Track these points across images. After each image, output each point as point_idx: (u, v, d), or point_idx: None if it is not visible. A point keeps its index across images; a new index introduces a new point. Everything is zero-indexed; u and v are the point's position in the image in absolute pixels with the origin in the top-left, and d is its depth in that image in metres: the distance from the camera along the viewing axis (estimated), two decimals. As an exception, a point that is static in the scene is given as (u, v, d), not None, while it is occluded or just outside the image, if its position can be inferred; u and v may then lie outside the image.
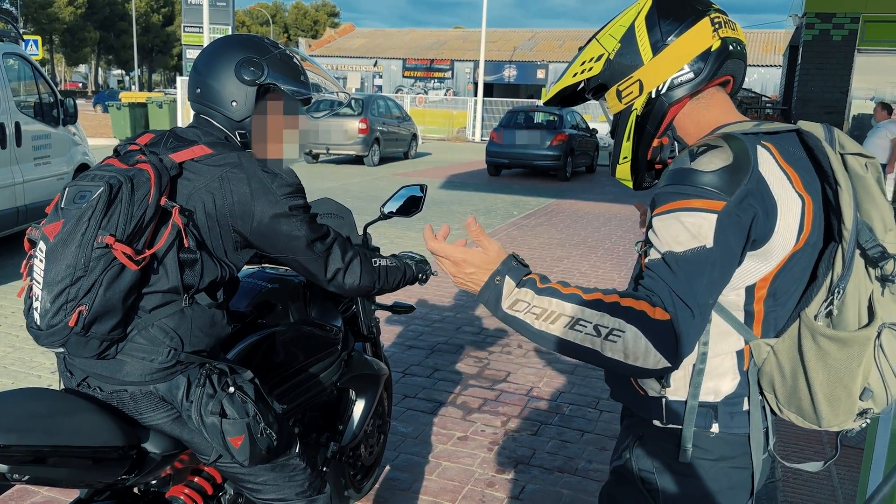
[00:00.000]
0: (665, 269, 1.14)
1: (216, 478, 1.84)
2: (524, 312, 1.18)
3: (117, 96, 31.41)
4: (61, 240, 1.42)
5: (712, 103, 1.30)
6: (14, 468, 1.35)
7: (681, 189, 1.15)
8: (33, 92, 7.17)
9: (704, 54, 1.24)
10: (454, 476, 3.09)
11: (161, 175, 1.50)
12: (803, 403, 1.21)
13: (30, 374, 4.14)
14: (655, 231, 1.17)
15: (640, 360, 1.11)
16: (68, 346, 1.48)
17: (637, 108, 1.30)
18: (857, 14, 11.19)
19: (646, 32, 1.27)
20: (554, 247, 8.06)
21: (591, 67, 1.32)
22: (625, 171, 1.38)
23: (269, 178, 1.59)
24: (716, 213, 1.12)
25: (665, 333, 1.10)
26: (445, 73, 38.00)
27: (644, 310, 1.11)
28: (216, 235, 1.59)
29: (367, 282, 1.76)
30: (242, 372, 1.64)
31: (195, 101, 1.71)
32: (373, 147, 16.51)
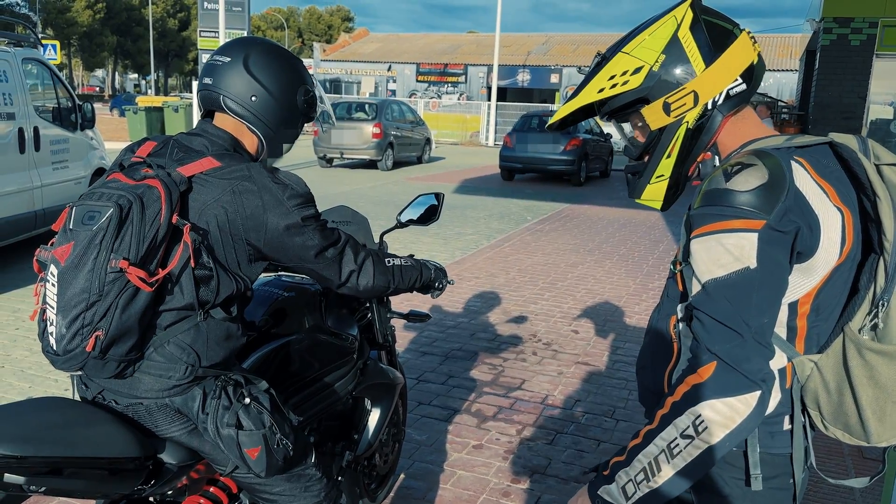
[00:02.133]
0: (707, 302, 1.14)
1: (232, 488, 1.83)
2: (638, 490, 1.18)
3: (134, 100, 31.71)
4: (73, 264, 1.39)
5: (746, 117, 1.30)
6: (31, 479, 1.34)
7: (718, 210, 1.14)
8: (52, 96, 7.24)
9: (750, 67, 1.25)
10: (469, 485, 3.07)
11: (171, 192, 1.46)
12: (850, 419, 1.20)
13: (47, 378, 4.16)
14: (694, 255, 1.16)
15: (738, 416, 1.11)
16: (86, 369, 1.47)
17: (689, 120, 1.26)
18: (875, 19, 11.07)
19: (693, 42, 1.23)
20: (568, 252, 8.03)
21: (625, 81, 1.26)
22: (657, 192, 1.33)
23: (280, 190, 1.57)
24: (756, 232, 1.11)
25: (723, 378, 1.11)
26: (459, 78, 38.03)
27: (693, 383, 1.13)
28: (230, 249, 1.57)
29: (381, 282, 1.76)
30: (258, 382, 1.63)
31: (242, 106, 1.65)
32: (386, 151, 16.54)
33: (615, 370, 4.48)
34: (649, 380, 1.35)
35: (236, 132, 1.69)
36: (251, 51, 1.67)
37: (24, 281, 6.16)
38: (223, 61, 1.66)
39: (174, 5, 66.32)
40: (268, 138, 1.71)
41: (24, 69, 6.63)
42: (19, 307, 5.49)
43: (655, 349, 1.34)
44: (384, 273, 1.78)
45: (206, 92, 1.68)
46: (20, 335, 4.89)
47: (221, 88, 1.65)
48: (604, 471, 1.23)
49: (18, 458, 1.32)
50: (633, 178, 1.37)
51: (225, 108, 1.66)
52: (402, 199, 11.44)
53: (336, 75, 37.61)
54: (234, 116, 1.67)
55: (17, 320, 5.20)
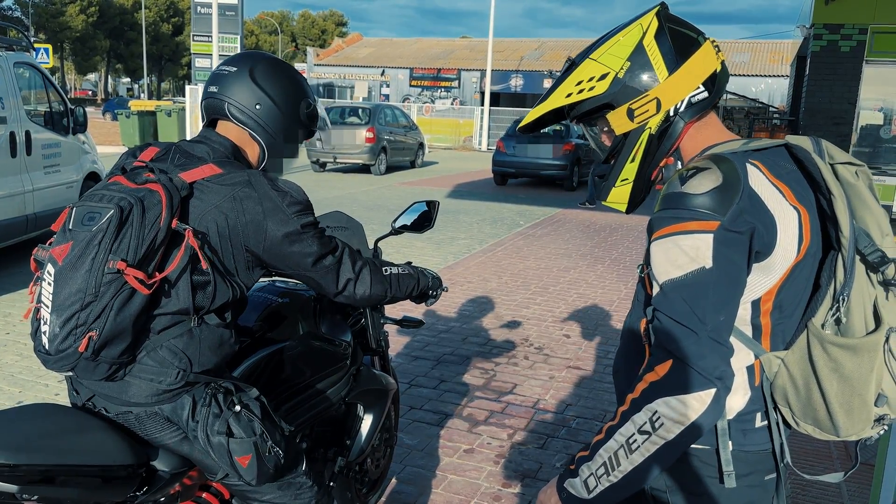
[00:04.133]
0: (664, 302, 1.17)
1: (224, 494, 1.84)
2: (599, 483, 1.20)
3: (126, 104, 31.59)
4: (70, 264, 1.40)
5: (708, 123, 1.32)
6: (23, 488, 1.34)
7: (674, 213, 1.17)
8: (44, 100, 7.22)
9: (713, 76, 1.27)
10: (460, 489, 3.08)
11: (172, 196, 1.47)
12: (819, 414, 1.22)
13: (37, 383, 4.15)
14: (653, 257, 1.19)
15: (693, 413, 1.12)
16: (77, 370, 1.47)
17: (652, 126, 1.29)
18: (865, 25, 11.17)
19: (658, 50, 1.26)
20: (560, 257, 8.05)
21: (591, 87, 1.29)
22: (621, 195, 1.37)
23: (280, 197, 1.59)
24: (711, 233, 1.14)
25: (678, 375, 1.13)
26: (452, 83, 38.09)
27: (650, 380, 1.15)
28: (228, 256, 1.58)
29: (378, 290, 1.77)
30: (248, 390, 1.63)
31: (246, 114, 1.68)
32: (380, 156, 16.54)
33: (606, 374, 4.50)
34: (624, 383, 1.36)
35: (239, 141, 1.71)
36: (258, 62, 1.72)
37: (15, 285, 6.14)
38: (230, 71, 1.70)
39: (167, 10, 66.17)
40: (270, 147, 1.73)
41: (15, 73, 6.62)
42: (10, 311, 5.47)
43: (628, 352, 1.36)
44: (381, 282, 1.78)
45: (212, 99, 1.70)
46: (10, 340, 4.87)
47: (227, 96, 1.68)
48: (570, 465, 1.26)
49: (11, 467, 1.32)
50: (600, 180, 1.41)
51: (229, 115, 1.69)
52: (395, 204, 11.45)
53: (329, 80, 37.61)
54: (238, 124, 1.69)
55: (8, 325, 5.18)
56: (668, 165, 1.35)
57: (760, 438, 1.28)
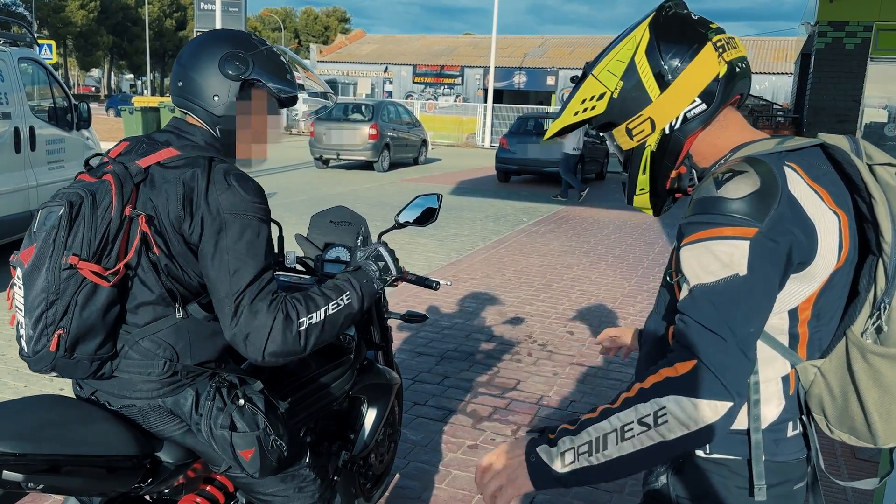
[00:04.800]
0: (693, 307, 1.11)
1: (228, 486, 1.84)
2: (577, 460, 1.13)
3: (130, 100, 31.64)
4: (32, 265, 1.41)
5: (727, 124, 1.27)
6: (29, 477, 1.35)
7: (709, 218, 1.11)
8: (48, 96, 7.23)
9: (714, 83, 1.21)
10: (464, 485, 3.08)
11: (123, 184, 1.44)
12: (856, 422, 1.18)
13: (42, 378, 4.16)
14: (683, 262, 1.14)
15: (702, 419, 1.05)
16: (58, 369, 1.46)
17: (651, 144, 1.26)
18: (870, 23, 11.14)
19: (648, 68, 1.22)
20: (564, 254, 8.04)
21: (593, 106, 1.28)
22: (643, 201, 1.36)
23: (222, 187, 1.47)
24: (748, 240, 1.08)
25: (699, 378, 1.06)
26: (455, 80, 38.06)
27: (666, 375, 1.09)
28: (173, 238, 1.48)
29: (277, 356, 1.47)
30: (252, 383, 1.63)
31: (177, 95, 1.61)
32: (383, 153, 16.54)
33: (610, 371, 4.50)
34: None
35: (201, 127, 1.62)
36: (185, 47, 1.65)
37: (20, 281, 6.15)
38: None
39: (171, 5, 66.21)
40: (206, 119, 1.58)
41: (20, 69, 6.62)
42: (14, 307, 5.48)
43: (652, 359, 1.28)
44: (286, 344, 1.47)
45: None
46: (15, 334, 4.87)
47: (170, 92, 1.64)
48: (549, 433, 1.18)
49: (17, 456, 1.33)
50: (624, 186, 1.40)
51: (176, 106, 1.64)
52: (398, 201, 11.45)
53: (332, 76, 37.61)
54: (181, 109, 1.62)
55: (13, 320, 5.19)
56: (682, 174, 1.31)
57: (793, 447, 1.24)
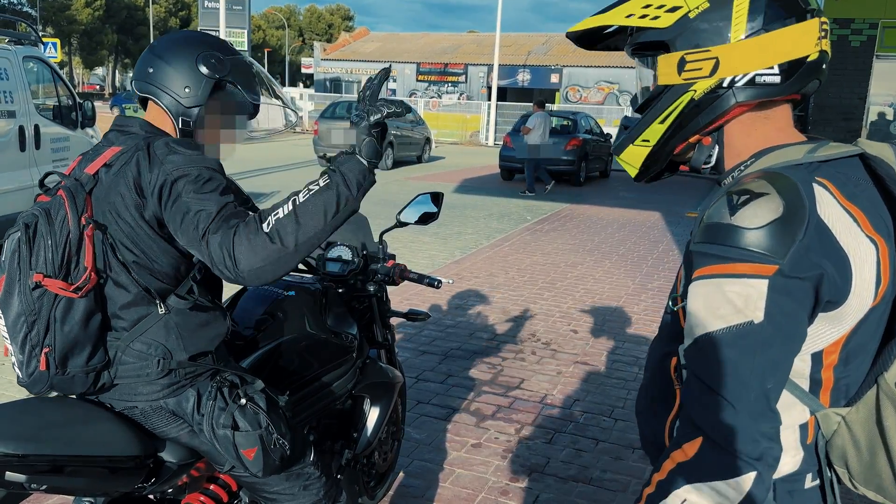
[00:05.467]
0: (696, 360, 0.97)
1: (231, 485, 1.84)
2: None
3: (134, 98, 31.67)
4: (5, 292, 1.44)
5: (773, 117, 1.09)
6: (32, 477, 1.35)
7: (720, 250, 0.95)
8: (52, 94, 7.24)
9: (800, 61, 1.03)
10: (468, 484, 3.07)
11: (75, 195, 1.46)
12: (884, 481, 1.03)
13: (46, 376, 4.17)
14: (690, 301, 0.99)
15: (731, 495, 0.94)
16: (56, 387, 1.48)
17: (698, 90, 1.05)
18: (875, 20, 11.09)
19: (747, 5, 1.02)
20: (567, 252, 8.03)
21: (657, 16, 1.06)
22: (636, 156, 1.15)
23: (164, 153, 1.47)
24: (766, 279, 0.92)
25: (710, 458, 0.94)
26: (459, 77, 38.03)
27: (678, 461, 0.97)
28: (136, 229, 1.48)
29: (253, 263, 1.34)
30: (253, 382, 1.63)
31: (143, 81, 1.61)
32: (386, 151, 16.54)
33: (614, 370, 4.49)
34: (648, 429, 1.20)
35: (155, 118, 1.63)
36: (160, 38, 1.70)
37: (24, 279, 6.16)
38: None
39: (175, 4, 66.29)
40: (172, 107, 1.60)
41: (24, 67, 6.64)
42: (19, 305, 5.49)
43: (654, 392, 1.18)
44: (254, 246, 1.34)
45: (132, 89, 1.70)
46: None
47: (134, 76, 1.67)
48: None
49: (20, 457, 1.33)
50: (625, 132, 1.20)
51: (137, 92, 1.65)
52: (402, 199, 11.44)
53: (336, 74, 37.62)
54: (143, 95, 1.63)
55: (17, 318, 5.20)
56: (703, 146, 1.12)
57: (810, 500, 1.10)
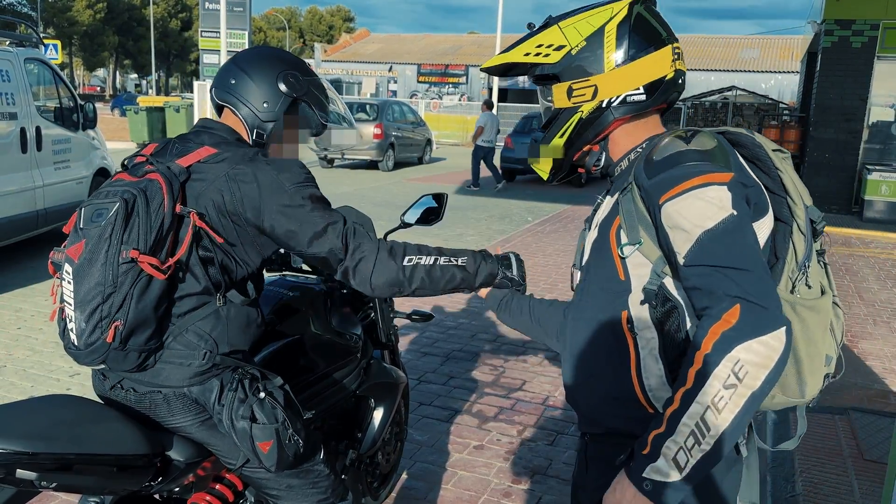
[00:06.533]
0: (705, 254, 1.13)
1: (237, 485, 1.85)
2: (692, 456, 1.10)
3: (135, 100, 31.68)
4: (86, 259, 1.44)
5: (647, 122, 1.36)
6: (42, 475, 1.37)
7: (686, 169, 1.17)
8: (53, 96, 7.26)
9: (659, 81, 1.29)
10: (470, 485, 3.08)
11: (171, 183, 1.53)
12: (788, 379, 1.21)
13: (49, 378, 4.18)
14: (674, 216, 1.17)
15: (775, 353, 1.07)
16: (108, 361, 1.51)
17: (584, 111, 1.32)
18: (876, 21, 11.09)
19: (615, 40, 1.28)
20: (569, 253, 8.03)
21: (547, 54, 1.33)
22: (545, 162, 1.42)
23: (275, 170, 1.60)
24: (725, 185, 1.16)
25: (752, 317, 1.08)
26: (460, 79, 38.04)
27: (721, 331, 1.08)
28: (231, 232, 1.61)
29: (384, 279, 1.57)
30: (273, 378, 1.66)
31: (224, 91, 1.74)
32: (388, 152, 16.55)
33: (616, 371, 4.49)
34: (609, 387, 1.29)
35: (233, 123, 1.75)
36: (246, 50, 1.82)
37: (27, 280, 6.17)
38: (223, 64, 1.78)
39: (176, 5, 66.31)
40: (249, 119, 1.73)
41: (26, 69, 6.65)
42: (21, 306, 5.50)
43: (603, 355, 1.30)
44: (392, 274, 1.58)
45: (211, 95, 1.79)
46: (22, 334, 4.90)
47: (214, 84, 1.77)
48: (642, 450, 1.14)
49: (30, 455, 1.35)
50: (535, 143, 1.43)
51: (216, 100, 1.76)
52: (404, 200, 11.45)
53: (337, 75, 37.63)
54: (222, 103, 1.75)
55: (19, 319, 5.21)
56: (593, 152, 1.38)
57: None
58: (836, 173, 11.53)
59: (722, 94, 18.72)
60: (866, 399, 4.06)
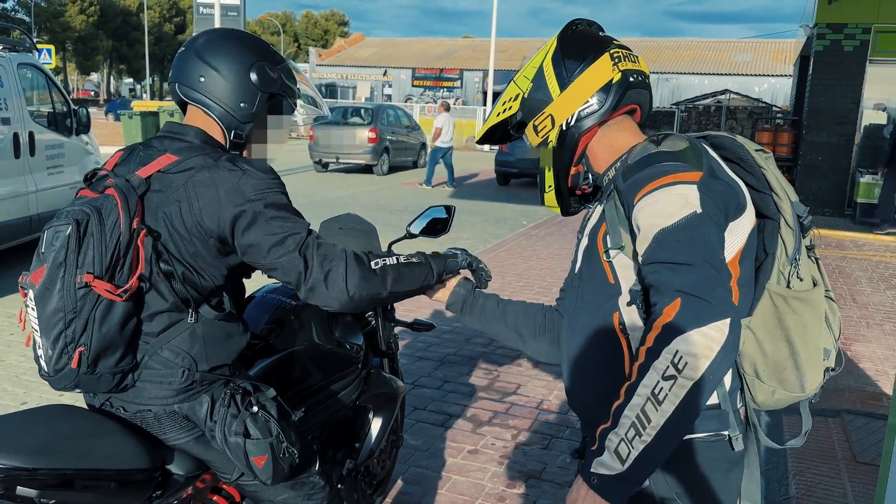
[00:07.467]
0: (658, 251, 1.17)
1: (235, 496, 1.84)
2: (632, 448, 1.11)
3: (129, 105, 31.63)
4: (44, 286, 1.42)
5: (623, 129, 1.41)
6: (42, 492, 1.34)
7: (656, 169, 1.23)
8: (47, 101, 7.24)
9: (606, 87, 1.36)
10: (465, 490, 3.08)
11: (128, 197, 1.45)
12: (786, 373, 1.25)
13: (42, 384, 4.15)
14: (639, 214, 1.22)
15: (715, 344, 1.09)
16: (81, 385, 1.49)
17: (552, 140, 1.41)
18: (868, 25, 11.15)
19: (552, 71, 1.39)
20: (563, 257, 8.04)
21: (510, 107, 1.45)
22: (552, 199, 1.50)
23: (237, 176, 1.49)
24: (695, 183, 1.20)
25: (690, 309, 1.11)
26: (455, 83, 38.09)
27: (662, 324, 1.12)
28: (190, 244, 1.51)
29: (361, 291, 1.51)
30: (265, 390, 1.65)
31: (190, 88, 1.57)
32: (382, 156, 16.55)
33: (610, 375, 4.49)
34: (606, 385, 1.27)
35: (204, 124, 1.61)
36: (203, 35, 1.63)
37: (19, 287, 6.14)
38: (180, 52, 1.64)
39: (170, 10, 66.25)
40: (225, 120, 1.59)
41: (19, 74, 6.63)
42: (14, 312, 5.48)
43: (599, 358, 1.33)
44: (366, 278, 1.52)
45: (171, 88, 1.63)
46: (15, 340, 4.88)
47: (176, 78, 1.60)
48: (591, 446, 1.17)
49: (30, 471, 1.32)
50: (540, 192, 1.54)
51: (182, 97, 1.61)
52: (398, 204, 11.45)
53: (332, 80, 37.61)
54: (191, 102, 1.60)
55: (12, 326, 5.19)
56: (579, 173, 1.45)
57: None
58: (829, 176, 11.59)
59: (715, 98, 18.77)
60: (859, 401, 4.08)
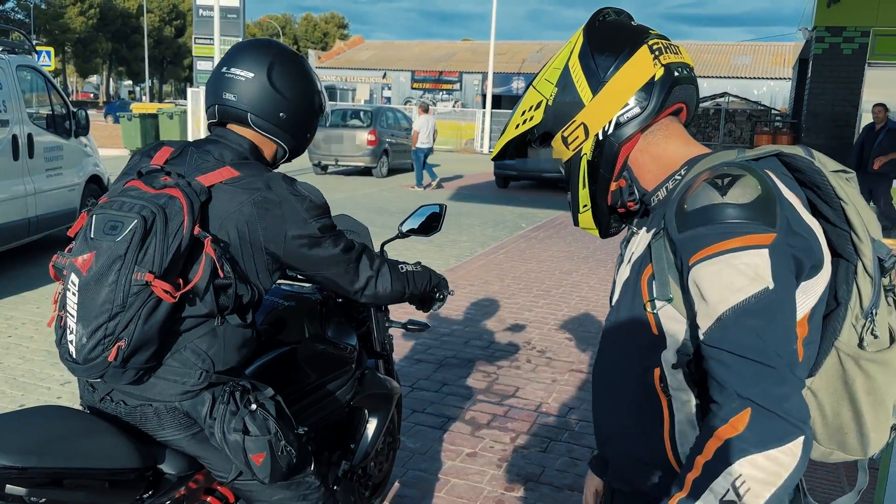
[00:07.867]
0: (726, 338, 0.98)
1: (229, 497, 1.84)
2: None
3: (128, 107, 31.60)
4: (96, 275, 1.39)
5: (670, 135, 1.19)
6: (32, 491, 1.34)
7: (718, 228, 0.99)
8: (46, 103, 7.24)
9: (648, 85, 1.14)
10: (463, 493, 3.07)
11: (193, 203, 1.46)
12: (848, 437, 1.13)
13: (39, 386, 4.15)
14: (700, 284, 1.01)
15: (784, 470, 0.94)
16: (106, 377, 1.48)
17: (586, 152, 1.20)
18: (867, 28, 11.19)
19: (581, 71, 1.17)
20: (562, 260, 8.05)
21: (531, 117, 1.23)
22: (588, 220, 1.28)
23: (299, 202, 1.60)
24: (767, 248, 0.98)
25: (762, 426, 0.94)
26: (454, 85, 38.14)
27: (725, 437, 0.95)
28: (249, 259, 1.59)
29: (397, 287, 1.83)
30: (264, 389, 1.65)
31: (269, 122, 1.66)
32: (381, 159, 16.57)
33: (609, 378, 4.49)
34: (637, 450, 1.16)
35: (257, 140, 1.70)
36: (273, 65, 1.66)
37: (18, 288, 6.14)
38: (246, 77, 1.64)
39: (170, 13, 66.31)
40: (290, 147, 1.76)
41: (18, 76, 6.63)
42: (12, 314, 5.47)
43: (633, 414, 1.16)
44: (400, 279, 1.85)
45: (230, 108, 1.65)
46: (13, 343, 4.87)
47: (248, 106, 1.64)
48: None
49: (20, 470, 1.32)
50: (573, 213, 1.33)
51: (251, 125, 1.66)
52: (398, 207, 11.46)
53: (331, 82, 37.67)
54: (259, 132, 1.68)
55: (10, 328, 5.18)
56: (622, 188, 1.23)
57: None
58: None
59: (715, 101, 18.81)
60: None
